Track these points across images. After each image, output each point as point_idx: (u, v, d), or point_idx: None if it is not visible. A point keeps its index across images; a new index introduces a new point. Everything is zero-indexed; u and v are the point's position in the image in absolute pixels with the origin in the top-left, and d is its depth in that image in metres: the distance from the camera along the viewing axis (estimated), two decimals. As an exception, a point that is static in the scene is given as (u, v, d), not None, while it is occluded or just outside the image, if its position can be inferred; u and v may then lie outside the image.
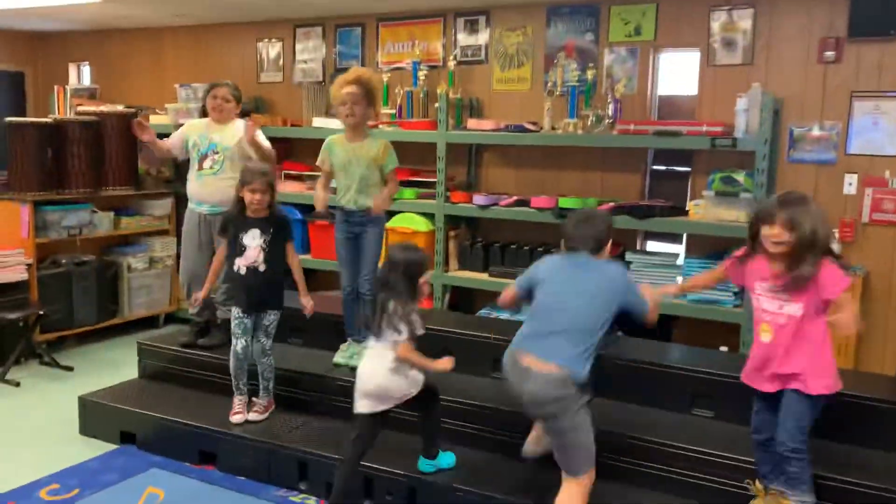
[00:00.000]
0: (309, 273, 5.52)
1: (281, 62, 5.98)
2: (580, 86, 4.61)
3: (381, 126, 5.10)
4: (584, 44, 4.81)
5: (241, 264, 3.43)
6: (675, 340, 4.54)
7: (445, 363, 2.89)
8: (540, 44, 4.97)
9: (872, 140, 4.12)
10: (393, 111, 5.27)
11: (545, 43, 4.95)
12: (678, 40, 4.59)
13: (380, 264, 3.78)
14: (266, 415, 3.57)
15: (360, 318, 3.75)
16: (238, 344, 3.49)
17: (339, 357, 3.82)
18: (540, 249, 4.72)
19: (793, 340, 2.48)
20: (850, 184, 4.19)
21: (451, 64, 5.13)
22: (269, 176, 3.48)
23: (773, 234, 2.46)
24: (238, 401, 3.57)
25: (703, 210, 4.24)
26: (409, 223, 4.91)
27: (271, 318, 3.52)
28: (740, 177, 4.14)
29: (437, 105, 4.96)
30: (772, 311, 2.52)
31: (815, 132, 4.24)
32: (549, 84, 4.66)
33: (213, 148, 4.03)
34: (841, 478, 2.72)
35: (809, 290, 2.44)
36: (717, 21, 4.43)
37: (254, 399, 3.59)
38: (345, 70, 5.62)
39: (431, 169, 5.01)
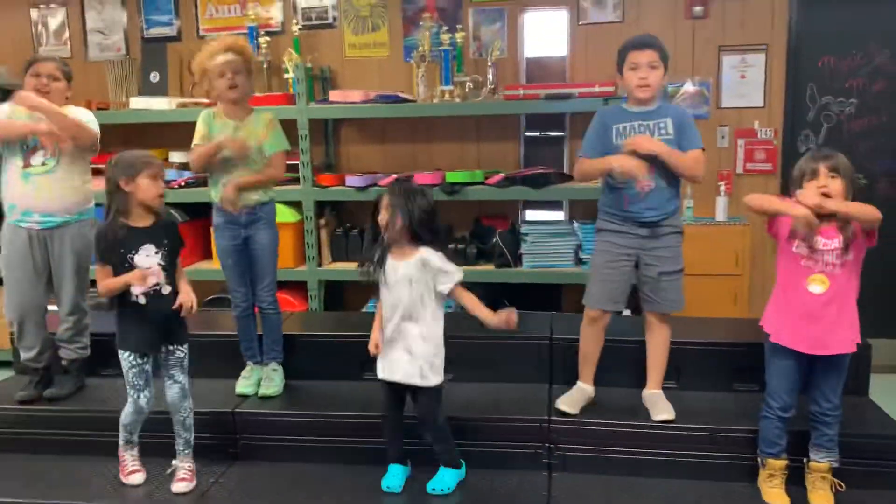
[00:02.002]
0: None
1: (66, 34, 4.90)
2: (451, 50, 4.24)
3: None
4: (446, 4, 4.44)
5: (137, 292, 2.60)
6: (566, 309, 4.41)
7: None
8: (396, 4, 4.51)
9: (741, 93, 4.25)
10: (229, 86, 4.52)
11: (402, 3, 4.50)
12: (546, -1, 4.39)
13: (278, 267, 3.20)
14: (195, 481, 2.77)
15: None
16: (141, 398, 2.69)
17: (243, 386, 3.15)
18: (423, 230, 4.33)
19: (844, 291, 2.40)
20: (723, 137, 4.31)
21: (296, 29, 4.49)
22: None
23: (822, 186, 2.38)
24: (131, 456, 2.79)
25: (597, 174, 4.11)
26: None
27: (183, 347, 2.74)
28: (633, 137, 4.06)
29: (287, 76, 4.33)
30: (829, 261, 2.40)
31: (689, 87, 4.29)
32: (421, 49, 4.23)
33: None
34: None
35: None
36: (586, -22, 4.30)
37: (175, 463, 2.79)
38: (157, 41, 4.80)
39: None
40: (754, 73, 4.22)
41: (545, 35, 4.49)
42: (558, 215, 4.64)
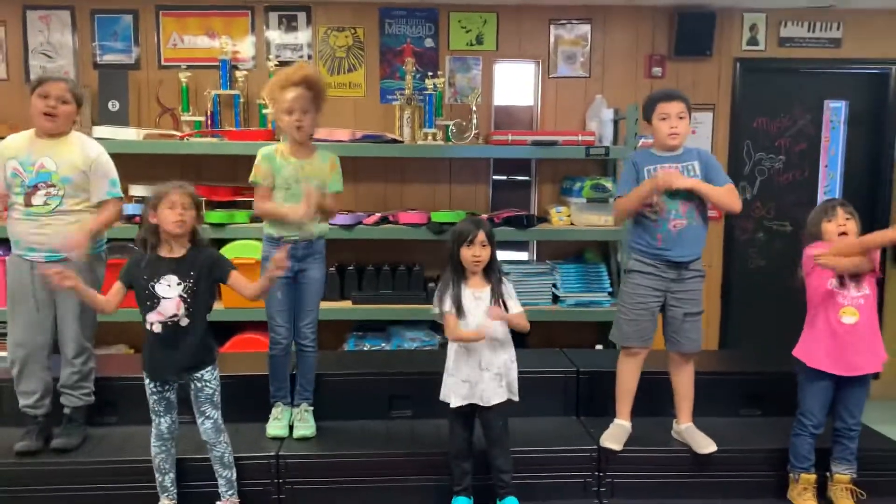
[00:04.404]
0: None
1: (2, 52, 4.50)
2: (433, 94, 4.36)
3: (187, 138, 4.18)
4: (424, 50, 4.57)
5: (153, 320, 2.56)
6: (533, 345, 4.58)
7: None
8: (374, 47, 4.58)
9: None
10: (199, 118, 4.36)
11: (379, 46, 4.58)
12: (519, 51, 4.63)
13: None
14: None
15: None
16: (162, 423, 2.63)
17: (275, 428, 3.02)
18: (402, 269, 4.37)
19: (871, 319, 2.75)
20: (678, 186, 4.71)
21: (271, 65, 4.42)
22: (191, 189, 2.63)
23: (841, 225, 2.74)
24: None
25: (573, 216, 4.34)
26: (249, 252, 4.09)
27: (212, 382, 2.65)
28: (609, 183, 4.36)
29: (266, 112, 4.25)
30: (854, 295, 2.73)
31: (649, 140, 4.66)
32: (408, 92, 4.32)
33: (45, 178, 2.82)
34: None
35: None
36: (557, 34, 4.60)
37: None
38: (118, 68, 4.50)
39: (266, 187, 4.27)
40: (703, 129, 4.69)
41: (514, 85, 4.73)
42: (522, 255, 4.84)
